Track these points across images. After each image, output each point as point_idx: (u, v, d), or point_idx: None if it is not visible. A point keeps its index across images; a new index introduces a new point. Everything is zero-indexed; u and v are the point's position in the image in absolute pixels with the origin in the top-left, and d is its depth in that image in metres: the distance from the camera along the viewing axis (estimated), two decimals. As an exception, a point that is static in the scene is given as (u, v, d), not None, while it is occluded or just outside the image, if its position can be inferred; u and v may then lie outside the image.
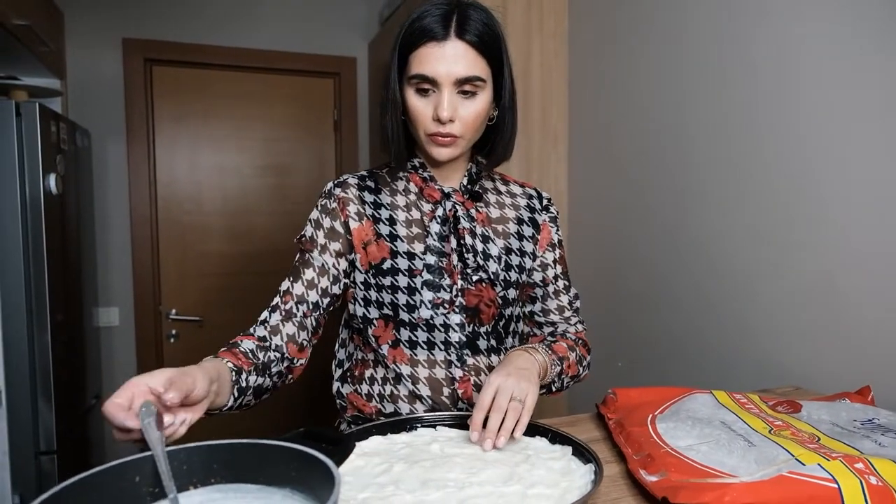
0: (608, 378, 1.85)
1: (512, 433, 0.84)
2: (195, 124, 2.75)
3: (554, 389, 1.07)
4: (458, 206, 1.03)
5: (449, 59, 0.90)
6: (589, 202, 1.96)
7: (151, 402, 0.63)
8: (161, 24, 2.65)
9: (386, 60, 0.98)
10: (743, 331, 1.45)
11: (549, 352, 1.02)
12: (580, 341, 1.14)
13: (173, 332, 2.74)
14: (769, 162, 1.36)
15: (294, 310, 0.98)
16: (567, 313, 1.16)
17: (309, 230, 1.03)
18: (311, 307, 0.99)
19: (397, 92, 0.96)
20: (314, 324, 1.00)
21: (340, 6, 2.94)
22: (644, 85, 1.75)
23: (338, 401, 1.09)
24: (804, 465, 0.75)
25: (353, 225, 1.01)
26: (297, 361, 0.98)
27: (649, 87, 1.73)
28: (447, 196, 1.03)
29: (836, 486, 0.71)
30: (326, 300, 1.01)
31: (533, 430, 0.89)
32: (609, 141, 1.90)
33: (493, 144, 1.03)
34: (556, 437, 0.87)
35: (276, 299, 1.00)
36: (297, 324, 0.98)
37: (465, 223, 1.02)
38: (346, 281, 1.04)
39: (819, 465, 0.75)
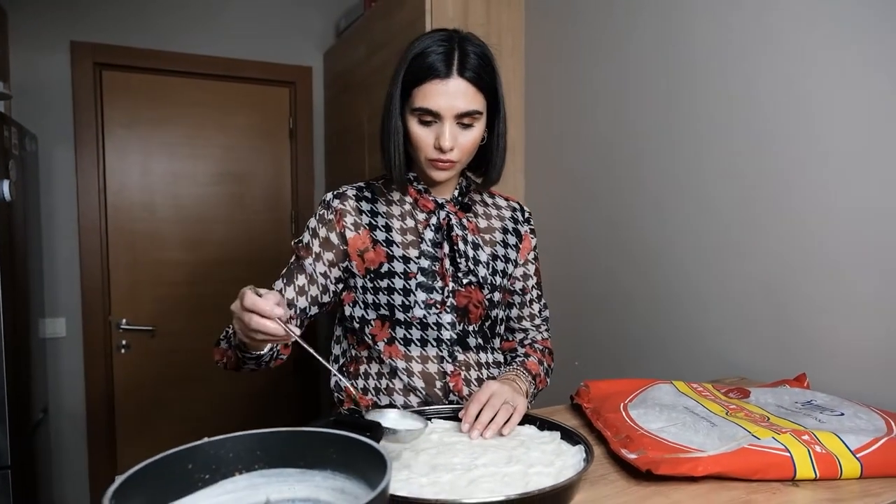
0: (566, 377, 1.95)
1: (501, 431, 0.93)
2: (148, 131, 2.71)
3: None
4: (451, 216, 1.12)
5: (450, 94, 0.99)
6: (545, 211, 2.07)
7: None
8: (111, 28, 2.59)
9: (388, 89, 1.05)
10: (691, 329, 1.58)
11: (526, 373, 1.13)
12: (546, 350, 1.25)
13: (124, 342, 2.67)
14: (712, 176, 1.50)
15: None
16: (537, 321, 1.27)
17: (306, 237, 1.11)
18: (298, 311, 1.08)
19: (399, 120, 1.04)
20: (299, 324, 1.08)
21: (296, 16, 2.96)
22: (595, 100, 1.88)
23: (335, 394, 1.15)
24: (760, 439, 0.87)
25: (350, 235, 1.09)
26: (280, 355, 1.05)
27: (600, 102, 1.86)
28: (441, 206, 1.12)
29: (788, 454, 0.83)
30: (315, 308, 1.10)
31: (522, 419, 0.98)
32: (563, 153, 2.02)
33: (487, 169, 1.13)
34: (544, 425, 0.96)
35: None
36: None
37: (458, 231, 1.12)
38: (335, 289, 1.11)
39: (773, 438, 0.87)
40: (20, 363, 2.08)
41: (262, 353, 0.97)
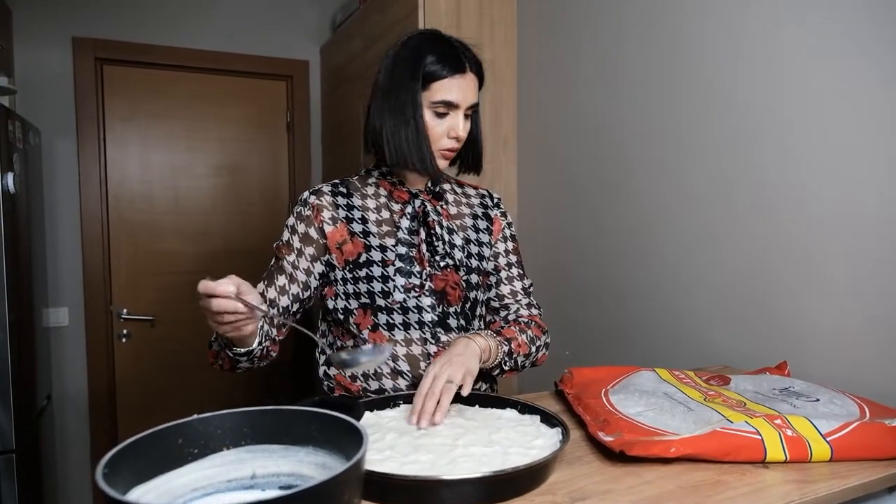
0: (556, 365, 1.99)
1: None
2: (147, 124, 2.74)
3: (506, 369, 1.18)
4: (426, 204, 1.18)
5: (465, 88, 1.10)
6: (537, 203, 2.10)
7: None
8: (112, 24, 2.63)
9: (400, 86, 1.09)
10: (678, 319, 1.61)
11: (495, 335, 1.14)
12: (533, 323, 1.26)
13: (125, 331, 2.72)
14: (696, 170, 1.53)
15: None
16: (520, 297, 1.29)
17: (286, 235, 1.16)
18: (280, 310, 1.12)
19: (421, 113, 1.09)
20: (282, 324, 1.12)
21: (293, 11, 2.99)
22: (586, 94, 1.90)
23: (325, 383, 1.19)
24: (732, 422, 0.90)
25: (328, 229, 1.14)
26: (270, 352, 1.10)
27: (590, 95, 1.88)
28: (415, 196, 1.18)
29: (759, 437, 0.86)
30: (296, 305, 1.15)
31: (504, 402, 1.02)
32: (553, 146, 2.05)
33: (472, 159, 1.22)
34: (525, 409, 0.99)
35: None
36: (268, 322, 1.08)
37: (433, 217, 1.18)
38: (317, 284, 1.16)
39: (745, 422, 0.90)
40: (25, 351, 2.12)
41: (251, 348, 0.99)
